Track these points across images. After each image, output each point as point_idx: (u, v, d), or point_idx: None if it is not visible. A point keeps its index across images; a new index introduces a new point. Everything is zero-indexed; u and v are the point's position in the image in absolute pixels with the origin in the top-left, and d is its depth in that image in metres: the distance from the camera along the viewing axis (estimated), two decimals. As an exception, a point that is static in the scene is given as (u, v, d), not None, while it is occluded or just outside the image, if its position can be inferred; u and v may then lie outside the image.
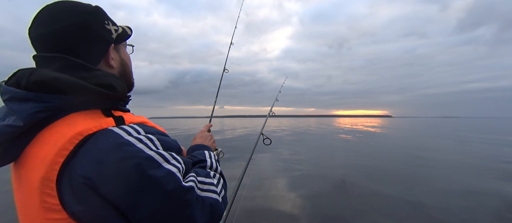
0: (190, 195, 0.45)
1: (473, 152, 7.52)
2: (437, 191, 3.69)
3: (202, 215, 0.45)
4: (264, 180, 4.20)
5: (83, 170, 0.38)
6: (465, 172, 4.93)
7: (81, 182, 0.38)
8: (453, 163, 5.89)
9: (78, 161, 0.39)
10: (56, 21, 0.45)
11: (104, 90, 0.46)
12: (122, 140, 0.41)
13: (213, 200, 0.49)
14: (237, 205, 0.57)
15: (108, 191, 0.39)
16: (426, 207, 3.04)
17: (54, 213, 0.39)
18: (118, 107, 0.51)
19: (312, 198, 3.38)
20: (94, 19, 0.50)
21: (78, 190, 0.38)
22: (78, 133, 0.40)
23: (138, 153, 0.41)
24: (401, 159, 6.29)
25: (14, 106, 0.41)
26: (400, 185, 3.93)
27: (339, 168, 5.26)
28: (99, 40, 0.51)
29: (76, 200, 0.39)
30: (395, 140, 11.41)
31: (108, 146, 0.40)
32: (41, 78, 0.41)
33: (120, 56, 0.57)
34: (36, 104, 0.40)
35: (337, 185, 3.99)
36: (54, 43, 0.46)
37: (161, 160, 0.43)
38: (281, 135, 13.81)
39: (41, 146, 0.40)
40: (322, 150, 8.19)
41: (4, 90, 0.43)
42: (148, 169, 0.40)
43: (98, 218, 0.40)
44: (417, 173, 4.79)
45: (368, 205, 3.15)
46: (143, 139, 0.44)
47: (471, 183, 4.12)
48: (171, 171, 0.44)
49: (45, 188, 0.38)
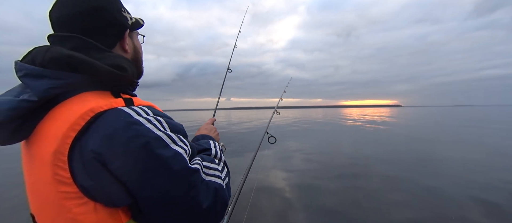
0: (196, 177, 0.45)
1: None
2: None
3: (206, 198, 0.46)
4: (269, 178, 4.11)
5: (94, 145, 0.40)
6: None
7: (92, 157, 0.39)
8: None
9: (89, 136, 0.40)
10: (76, 4, 0.49)
11: (116, 71, 0.48)
12: (132, 119, 0.42)
13: (218, 185, 0.50)
14: (243, 200, 0.61)
15: (117, 167, 0.40)
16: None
17: (66, 186, 0.40)
18: (126, 91, 0.52)
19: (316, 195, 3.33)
20: (112, 4, 0.53)
21: (89, 165, 0.40)
22: (89, 109, 0.41)
23: (147, 132, 0.42)
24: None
25: (29, 82, 0.42)
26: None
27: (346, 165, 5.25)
28: (116, 25, 0.54)
29: (87, 175, 0.40)
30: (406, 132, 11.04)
31: (118, 124, 0.41)
32: (56, 55, 0.43)
33: (134, 43, 0.61)
34: (51, 81, 0.42)
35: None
36: (72, 24, 0.49)
37: (169, 140, 0.44)
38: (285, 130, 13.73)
39: (53, 121, 0.42)
40: (328, 142, 8.20)
41: (20, 67, 0.44)
42: (156, 148, 0.42)
43: (107, 194, 0.41)
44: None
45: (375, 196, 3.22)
46: (152, 120, 0.45)
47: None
48: (178, 152, 0.44)
49: (57, 161, 0.40)
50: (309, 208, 2.87)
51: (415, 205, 2.87)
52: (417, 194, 3.23)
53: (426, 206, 2.83)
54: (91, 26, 0.50)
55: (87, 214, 0.41)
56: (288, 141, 8.04)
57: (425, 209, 2.76)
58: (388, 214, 2.65)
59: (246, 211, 1.74)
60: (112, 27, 0.54)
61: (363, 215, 2.64)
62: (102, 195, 0.41)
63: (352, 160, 5.24)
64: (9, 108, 0.40)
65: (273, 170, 4.45)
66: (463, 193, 3.24)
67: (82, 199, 0.41)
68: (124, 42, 0.57)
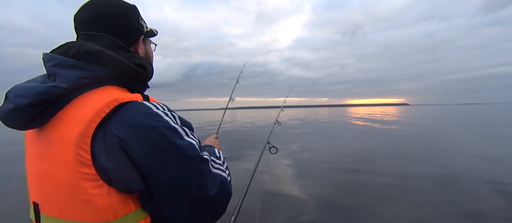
0: (206, 166, 0.51)
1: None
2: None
3: (214, 187, 0.50)
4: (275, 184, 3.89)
5: (118, 131, 0.43)
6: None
7: (115, 142, 0.43)
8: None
9: (113, 123, 0.44)
10: (102, 8, 0.55)
11: (138, 69, 0.53)
12: (152, 111, 0.47)
13: (223, 177, 0.55)
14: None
15: (135, 153, 0.44)
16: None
17: (85, 167, 0.42)
18: (139, 91, 0.56)
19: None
20: (131, 12, 0.61)
21: (112, 149, 0.43)
22: (114, 99, 0.45)
23: (165, 123, 0.47)
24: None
25: (60, 71, 0.46)
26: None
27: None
28: (132, 30, 0.61)
29: (109, 158, 0.43)
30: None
31: (140, 114, 0.45)
32: (90, 49, 0.48)
33: (146, 49, 0.67)
34: (81, 72, 0.46)
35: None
36: (95, 25, 0.55)
37: (183, 133, 0.50)
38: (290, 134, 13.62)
39: (79, 107, 0.45)
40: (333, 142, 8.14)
41: (51, 58, 0.48)
42: (173, 138, 0.46)
43: (123, 178, 0.44)
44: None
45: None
46: (168, 114, 0.50)
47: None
48: (191, 142, 0.49)
49: (81, 143, 0.42)
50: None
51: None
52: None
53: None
54: (111, 28, 0.56)
55: (101, 197, 0.43)
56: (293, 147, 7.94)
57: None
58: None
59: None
60: (129, 31, 0.60)
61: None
62: (119, 179, 0.43)
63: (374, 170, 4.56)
64: (38, 92, 0.43)
65: (284, 179, 4.15)
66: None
67: (98, 181, 0.43)
68: (137, 46, 0.63)
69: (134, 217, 0.46)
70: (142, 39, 0.65)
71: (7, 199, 3.48)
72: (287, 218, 2.67)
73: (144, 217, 0.48)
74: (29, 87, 0.44)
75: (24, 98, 0.43)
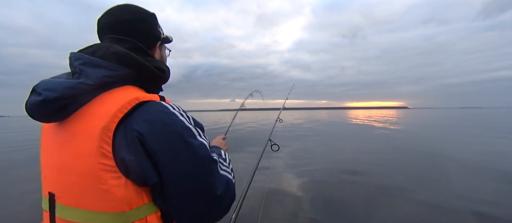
0: (215, 167, 0.53)
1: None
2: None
3: (221, 187, 0.53)
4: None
5: (138, 126, 0.47)
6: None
7: (135, 136, 0.46)
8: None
9: (134, 119, 0.47)
10: (125, 13, 0.60)
11: (158, 71, 0.58)
12: (169, 111, 0.51)
13: (229, 179, 0.57)
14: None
15: (152, 148, 0.47)
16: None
17: (106, 159, 0.45)
18: (155, 92, 0.60)
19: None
20: (151, 19, 0.65)
21: (132, 143, 0.46)
22: (135, 97, 0.49)
23: (181, 122, 0.51)
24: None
25: (88, 69, 0.49)
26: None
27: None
28: (151, 35, 0.65)
29: (129, 151, 0.46)
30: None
31: (158, 112, 0.49)
32: (117, 51, 0.52)
33: (161, 53, 0.71)
34: (107, 70, 0.50)
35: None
36: (123, 29, 0.59)
37: (196, 133, 0.53)
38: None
39: (103, 103, 0.48)
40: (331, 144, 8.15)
41: (79, 57, 0.51)
42: (188, 137, 0.50)
43: (141, 170, 0.46)
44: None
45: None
46: (184, 114, 0.54)
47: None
48: (203, 143, 0.52)
49: (104, 135, 0.45)
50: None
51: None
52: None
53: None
54: (134, 32, 0.61)
55: (119, 187, 0.46)
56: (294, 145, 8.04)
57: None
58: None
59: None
60: (149, 36, 0.65)
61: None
62: (136, 171, 0.46)
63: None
64: (67, 87, 0.46)
65: (286, 178, 4.16)
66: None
67: (117, 173, 0.46)
68: (154, 51, 0.68)
69: (147, 209, 0.49)
70: (159, 44, 0.69)
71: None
72: (289, 214, 2.68)
73: (156, 210, 0.51)
74: (57, 82, 0.47)
75: (53, 92, 0.46)
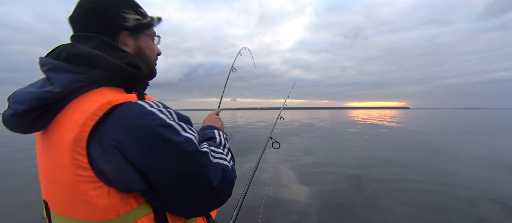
0: (206, 159, 0.50)
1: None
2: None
3: (216, 177, 0.50)
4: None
5: (113, 133, 0.43)
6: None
7: (112, 144, 0.43)
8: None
9: (108, 125, 0.43)
10: (85, 4, 0.53)
11: (130, 68, 0.51)
12: (146, 110, 0.46)
13: (225, 166, 0.54)
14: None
15: (133, 154, 0.43)
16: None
17: (83, 170, 0.43)
18: (137, 90, 0.55)
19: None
20: (106, 6, 0.53)
21: (109, 151, 0.43)
22: (107, 102, 0.45)
23: (160, 120, 0.46)
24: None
25: (53, 75, 0.46)
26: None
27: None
28: (105, 27, 0.54)
29: (107, 160, 0.43)
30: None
31: (134, 114, 0.44)
32: (79, 51, 0.47)
33: (137, 44, 0.59)
34: (73, 75, 0.46)
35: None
36: (88, 25, 0.53)
37: (180, 128, 0.48)
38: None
39: (74, 111, 0.45)
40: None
41: (45, 62, 0.48)
42: (170, 135, 0.45)
43: (123, 179, 0.44)
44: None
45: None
46: (164, 111, 0.49)
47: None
48: (189, 137, 0.48)
49: (76, 147, 0.42)
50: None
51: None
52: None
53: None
54: (99, 26, 0.53)
55: (101, 197, 0.43)
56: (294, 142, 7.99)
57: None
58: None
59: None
60: (106, 28, 0.54)
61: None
62: (118, 180, 0.43)
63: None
64: (33, 98, 0.44)
65: (286, 175, 4.16)
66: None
67: (97, 183, 0.43)
68: (125, 43, 0.57)
69: (136, 214, 0.47)
70: (131, 34, 0.58)
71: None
72: (290, 211, 2.67)
73: (147, 213, 0.48)
74: (26, 93, 0.45)
75: (22, 104, 0.44)
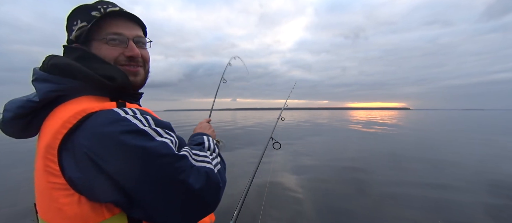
0: (184, 162, 0.47)
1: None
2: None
3: (198, 181, 0.46)
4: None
5: (85, 141, 0.42)
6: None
7: (84, 152, 0.42)
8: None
9: (80, 133, 0.43)
10: (67, 17, 0.57)
11: (104, 80, 0.50)
12: (119, 117, 0.45)
13: (208, 169, 0.50)
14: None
15: (104, 164, 0.41)
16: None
17: (54, 177, 0.43)
18: (127, 100, 0.55)
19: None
20: (69, 22, 0.57)
21: (80, 159, 0.42)
22: (82, 109, 0.45)
23: (133, 126, 0.44)
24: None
25: (37, 85, 0.49)
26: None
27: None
28: (77, 39, 0.56)
29: (77, 168, 0.42)
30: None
31: (106, 121, 0.44)
32: (56, 62, 0.49)
33: (102, 52, 0.56)
34: (52, 85, 0.48)
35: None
36: (68, 35, 0.57)
37: (155, 134, 0.46)
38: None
39: (51, 119, 0.47)
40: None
41: (34, 72, 0.51)
42: (142, 141, 0.43)
43: (91, 188, 0.42)
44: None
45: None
46: (139, 117, 0.47)
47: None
48: (164, 141, 0.46)
49: (48, 154, 0.43)
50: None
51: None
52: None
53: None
54: (68, 38, 0.57)
55: (71, 205, 0.43)
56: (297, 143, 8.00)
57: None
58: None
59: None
60: (81, 41, 0.56)
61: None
62: (87, 188, 0.43)
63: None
64: (18, 106, 0.48)
65: (286, 174, 4.18)
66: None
67: (68, 190, 0.43)
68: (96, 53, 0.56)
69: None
70: (83, 45, 0.56)
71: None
72: (291, 210, 2.68)
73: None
74: (14, 102, 0.50)
75: (9, 112, 0.49)
